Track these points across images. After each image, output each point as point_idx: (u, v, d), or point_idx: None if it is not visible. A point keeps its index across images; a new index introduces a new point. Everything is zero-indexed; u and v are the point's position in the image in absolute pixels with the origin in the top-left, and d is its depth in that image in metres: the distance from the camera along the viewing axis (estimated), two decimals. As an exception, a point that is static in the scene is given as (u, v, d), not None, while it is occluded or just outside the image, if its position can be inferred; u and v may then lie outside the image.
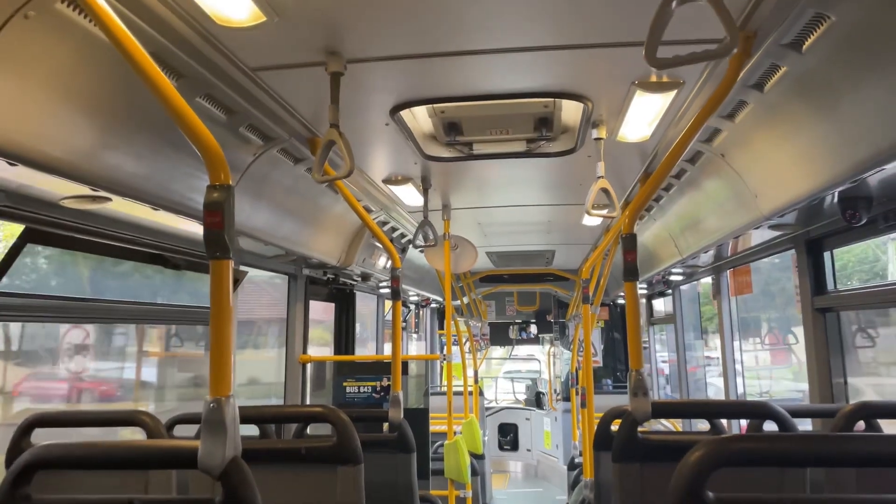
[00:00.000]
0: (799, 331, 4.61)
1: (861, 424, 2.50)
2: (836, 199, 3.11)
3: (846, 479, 2.25)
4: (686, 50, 1.92)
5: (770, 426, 2.65)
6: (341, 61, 2.46)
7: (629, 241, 2.64)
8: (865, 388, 4.46)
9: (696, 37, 2.30)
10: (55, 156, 2.11)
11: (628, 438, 2.56)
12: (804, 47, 2.23)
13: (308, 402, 5.44)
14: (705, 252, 4.94)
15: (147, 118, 2.45)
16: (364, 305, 7.56)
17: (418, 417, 5.06)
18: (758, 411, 2.66)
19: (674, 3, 1.83)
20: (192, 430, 3.01)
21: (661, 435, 3.15)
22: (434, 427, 6.39)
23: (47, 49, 1.93)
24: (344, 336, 6.46)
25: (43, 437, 2.16)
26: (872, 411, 2.47)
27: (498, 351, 14.00)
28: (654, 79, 2.72)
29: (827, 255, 3.91)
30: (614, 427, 3.12)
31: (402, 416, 3.60)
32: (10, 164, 1.99)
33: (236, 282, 4.05)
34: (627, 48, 2.45)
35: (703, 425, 6.27)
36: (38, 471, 1.70)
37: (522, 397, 14.30)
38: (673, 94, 2.83)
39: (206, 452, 1.61)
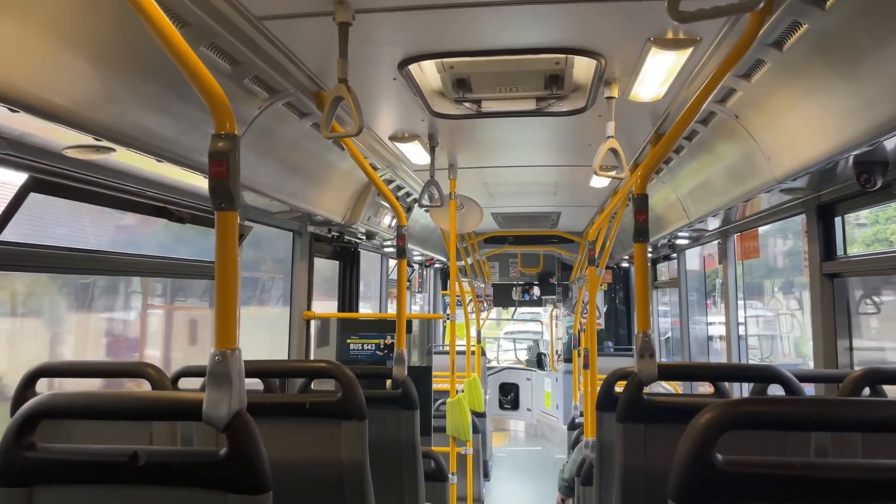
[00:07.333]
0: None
1: (866, 390, 2.49)
2: (850, 163, 3.05)
3: (853, 444, 2.25)
4: (702, 5, 1.86)
5: (774, 391, 2.65)
6: (349, 11, 2.39)
7: (640, 202, 2.60)
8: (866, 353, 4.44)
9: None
10: (58, 103, 2.06)
11: (633, 399, 2.56)
12: (828, 4, 2.16)
13: (312, 358, 5.48)
14: (714, 216, 4.90)
15: (152, 68, 2.40)
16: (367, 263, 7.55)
17: (421, 375, 5.09)
18: (764, 375, 2.66)
19: None
20: (197, 383, 3.02)
21: (665, 396, 3.15)
22: (436, 385, 6.44)
23: None
24: (348, 293, 6.48)
25: (47, 388, 2.16)
26: (881, 377, 2.45)
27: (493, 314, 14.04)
28: (670, 35, 2.64)
29: (838, 220, 3.87)
30: (618, 388, 3.12)
31: (405, 373, 3.61)
32: (12, 110, 1.94)
33: (241, 237, 4.02)
34: (644, 2, 2.37)
35: (703, 389, 6.29)
36: (43, 420, 1.70)
37: (524, 357, 14.41)
38: (689, 51, 2.75)
39: (211, 405, 1.60)
